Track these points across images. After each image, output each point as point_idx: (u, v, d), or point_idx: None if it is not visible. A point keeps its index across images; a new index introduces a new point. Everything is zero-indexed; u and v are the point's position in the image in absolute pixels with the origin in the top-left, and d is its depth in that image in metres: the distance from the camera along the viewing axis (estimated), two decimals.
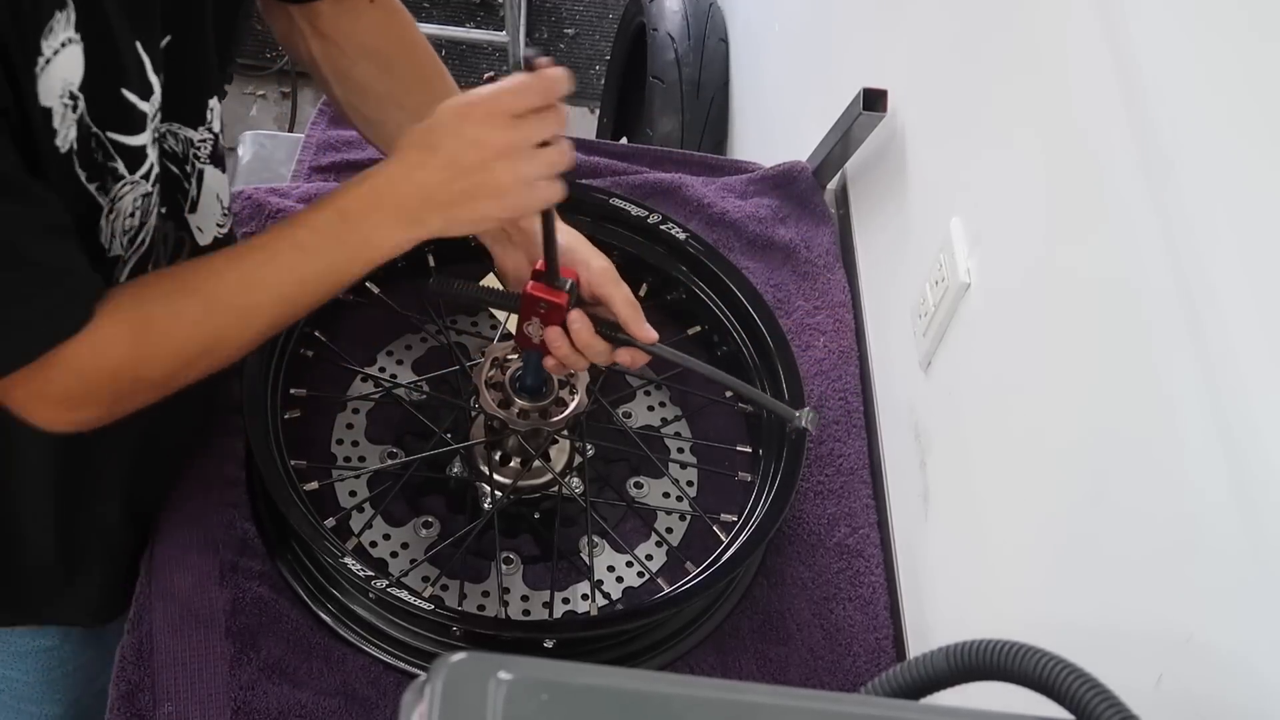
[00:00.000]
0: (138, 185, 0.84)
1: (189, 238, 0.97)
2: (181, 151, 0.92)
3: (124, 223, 0.84)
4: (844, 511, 1.17)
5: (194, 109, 0.91)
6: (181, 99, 0.89)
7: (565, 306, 0.96)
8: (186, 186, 0.94)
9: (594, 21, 3.18)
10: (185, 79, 0.87)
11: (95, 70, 0.76)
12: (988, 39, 1.11)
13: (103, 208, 0.82)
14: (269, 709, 0.96)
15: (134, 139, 0.81)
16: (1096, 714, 0.53)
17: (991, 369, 1.02)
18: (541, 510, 1.13)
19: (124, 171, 0.82)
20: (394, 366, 1.20)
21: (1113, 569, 0.80)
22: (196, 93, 0.91)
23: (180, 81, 0.86)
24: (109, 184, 0.81)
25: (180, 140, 0.91)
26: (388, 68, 1.03)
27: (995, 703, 0.61)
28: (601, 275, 0.98)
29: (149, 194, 0.85)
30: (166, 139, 0.90)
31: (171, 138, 0.90)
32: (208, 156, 0.95)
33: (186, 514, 1.05)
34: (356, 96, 1.05)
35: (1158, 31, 0.80)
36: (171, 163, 0.91)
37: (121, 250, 0.85)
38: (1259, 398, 0.66)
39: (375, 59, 1.03)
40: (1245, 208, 0.69)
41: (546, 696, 0.50)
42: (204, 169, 0.95)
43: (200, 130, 0.92)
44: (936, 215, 1.15)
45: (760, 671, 1.06)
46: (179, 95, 0.87)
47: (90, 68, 0.76)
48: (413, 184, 0.84)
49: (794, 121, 1.74)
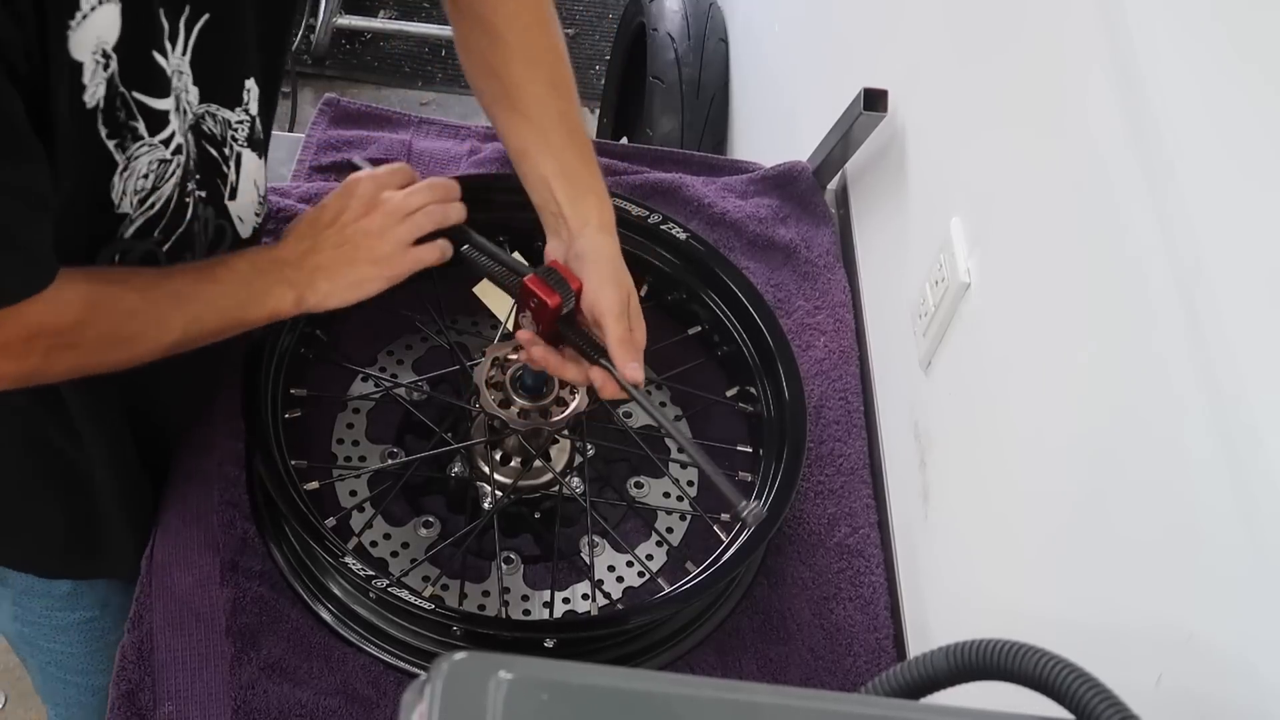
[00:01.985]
0: (155, 149, 0.86)
1: (230, 227, 1.00)
2: (220, 134, 0.94)
3: (136, 182, 0.87)
4: (844, 511, 1.17)
5: (231, 89, 0.93)
6: (219, 78, 0.91)
7: (555, 309, 0.95)
8: (225, 170, 0.96)
9: (594, 21, 3.19)
10: (223, 58, 0.89)
11: (130, 31, 0.78)
12: (988, 39, 1.11)
13: (118, 165, 0.84)
14: (269, 709, 0.96)
15: (159, 102, 0.84)
16: (1096, 714, 0.53)
17: (991, 369, 1.02)
18: (542, 510, 1.13)
19: (144, 132, 0.84)
20: (394, 366, 1.20)
21: (1113, 568, 0.80)
22: (234, 72, 0.92)
23: (217, 61, 0.88)
24: (128, 143, 0.84)
25: (219, 121, 0.93)
26: (498, 41, 1.03)
27: (995, 703, 0.61)
28: (604, 302, 0.96)
29: (166, 160, 0.88)
30: (205, 120, 0.92)
31: (210, 119, 0.92)
32: (245, 139, 0.97)
33: (187, 513, 1.05)
34: (469, 58, 1.06)
35: (1158, 31, 0.80)
36: (210, 145, 0.93)
37: (130, 209, 0.88)
38: (1259, 397, 0.66)
39: (489, 31, 1.03)
40: (1245, 207, 0.69)
41: (546, 696, 0.50)
42: (242, 152, 0.97)
43: (237, 111, 0.94)
44: (936, 215, 1.15)
45: (760, 671, 1.07)
46: (215, 75, 0.90)
47: (125, 28, 0.78)
48: (299, 254, 1.00)
49: (794, 121, 1.74)
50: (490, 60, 1.04)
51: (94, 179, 0.84)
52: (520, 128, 1.04)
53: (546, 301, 0.95)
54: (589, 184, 1.03)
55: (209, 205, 0.97)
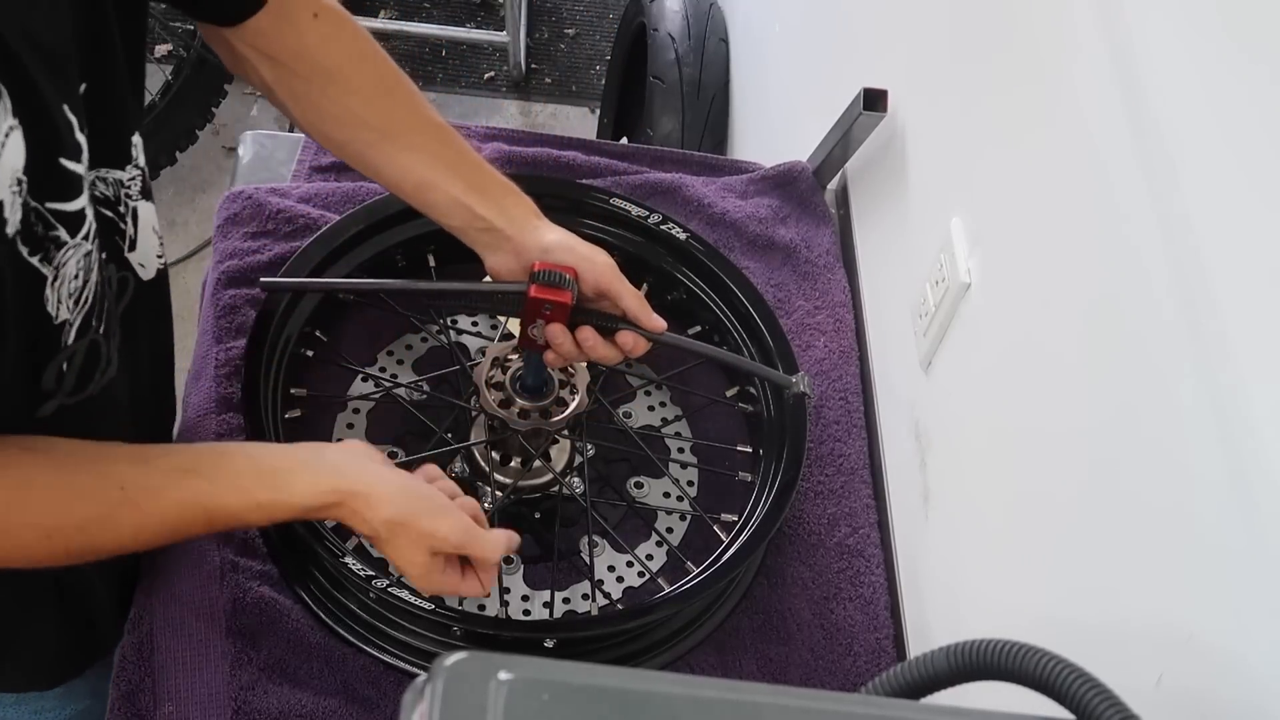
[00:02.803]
0: (80, 246, 0.80)
1: (133, 277, 0.94)
2: (114, 194, 0.89)
3: (69, 286, 0.81)
4: (844, 511, 1.17)
5: (119, 149, 0.88)
6: (106, 142, 0.85)
7: (570, 305, 0.96)
8: (123, 227, 0.91)
9: (594, 21, 3.18)
10: (107, 122, 0.84)
11: (35, 148, 0.73)
12: (988, 39, 1.11)
13: (47, 277, 0.78)
14: (269, 709, 0.96)
15: (73, 205, 0.78)
16: (1097, 714, 0.53)
17: (992, 369, 1.02)
18: (542, 510, 1.13)
19: (66, 238, 0.78)
20: (394, 366, 1.20)
21: (1113, 568, 0.80)
22: (119, 132, 0.87)
23: (102, 125, 0.83)
24: (51, 253, 0.78)
25: (110, 184, 0.88)
26: (343, 84, 0.99)
27: (995, 703, 0.61)
28: (607, 271, 0.98)
29: (89, 252, 0.82)
30: (97, 185, 0.86)
31: (101, 183, 0.87)
32: (139, 193, 0.91)
33: None
34: (315, 117, 1.00)
35: (1158, 30, 0.80)
36: (105, 207, 0.88)
37: (69, 314, 0.82)
38: (1259, 397, 0.66)
39: (327, 76, 0.98)
40: (1246, 207, 0.69)
41: (547, 696, 0.50)
42: (137, 206, 0.92)
43: (129, 169, 0.89)
44: (936, 215, 1.15)
45: (760, 671, 1.07)
46: (103, 139, 0.84)
47: (30, 147, 0.72)
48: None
49: (794, 121, 1.74)
50: (349, 107, 0.99)
51: (27, 301, 0.77)
52: (411, 161, 1.00)
53: (561, 301, 0.96)
54: (500, 185, 1.01)
55: (110, 263, 0.90)
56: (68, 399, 0.85)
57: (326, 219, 1.21)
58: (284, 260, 1.15)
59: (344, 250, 1.17)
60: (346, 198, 1.25)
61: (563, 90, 2.98)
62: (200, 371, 1.13)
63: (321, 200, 1.25)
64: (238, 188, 1.26)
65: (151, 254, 0.96)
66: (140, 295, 0.95)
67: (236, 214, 1.23)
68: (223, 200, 1.25)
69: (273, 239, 1.21)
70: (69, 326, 0.82)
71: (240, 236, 1.21)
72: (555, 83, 2.99)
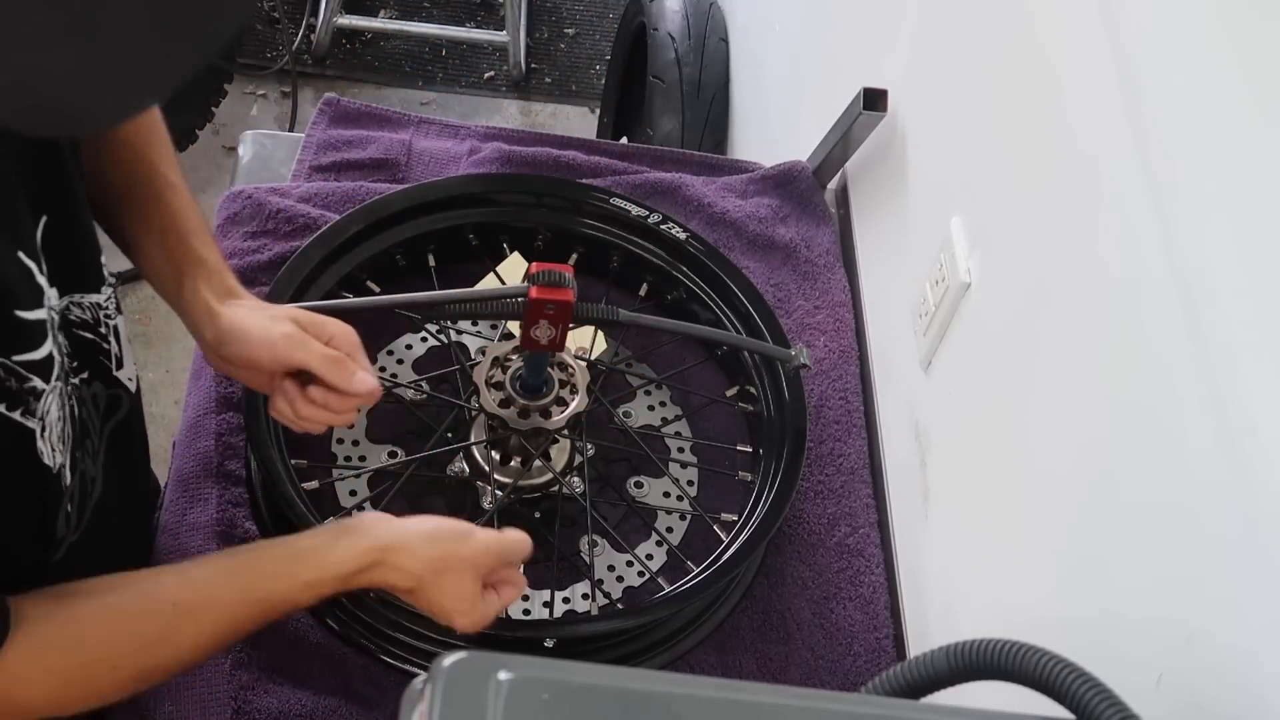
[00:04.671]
0: (54, 388, 0.78)
1: (124, 393, 0.93)
2: (92, 317, 0.87)
3: (56, 430, 0.80)
4: (844, 511, 1.17)
5: (92, 273, 0.86)
6: (76, 270, 0.84)
7: (573, 301, 0.97)
8: (107, 346, 0.89)
9: (594, 21, 3.18)
10: (75, 248, 0.83)
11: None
12: (987, 39, 1.11)
13: (35, 430, 0.76)
14: (269, 709, 0.96)
15: (39, 352, 0.76)
16: (1097, 713, 0.53)
17: (992, 369, 1.02)
18: (542, 510, 1.13)
19: (41, 385, 0.76)
20: (394, 366, 1.20)
21: (1113, 568, 0.80)
22: (88, 256, 0.86)
23: (70, 255, 0.82)
24: (32, 404, 0.76)
25: (87, 308, 0.86)
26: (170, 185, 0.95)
27: (995, 703, 0.61)
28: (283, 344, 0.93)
29: (60, 390, 0.80)
30: (72, 310, 0.84)
31: (77, 308, 0.85)
32: (115, 309, 0.90)
33: (187, 514, 1.05)
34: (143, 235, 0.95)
35: (1158, 30, 0.80)
36: (86, 330, 0.86)
37: (62, 457, 0.81)
38: (1259, 396, 0.66)
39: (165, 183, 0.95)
40: (1245, 206, 0.69)
41: (547, 696, 0.50)
42: (116, 323, 0.90)
43: (104, 290, 0.87)
44: (936, 215, 1.15)
45: (760, 671, 1.07)
46: (72, 266, 0.82)
47: None
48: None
49: (794, 121, 1.74)
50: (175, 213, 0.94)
51: (25, 460, 0.76)
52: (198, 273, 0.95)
53: (564, 300, 0.96)
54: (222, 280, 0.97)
55: (93, 383, 0.88)
56: (74, 535, 0.85)
57: (326, 219, 1.21)
58: (284, 260, 1.15)
59: (344, 250, 1.17)
60: (346, 197, 1.25)
61: (563, 90, 2.97)
62: (200, 371, 1.13)
63: (321, 200, 1.25)
64: (238, 187, 1.26)
65: (133, 368, 0.94)
66: (134, 408, 0.94)
67: (236, 213, 1.23)
68: (223, 200, 1.25)
69: (273, 238, 1.21)
70: (64, 469, 0.81)
71: (240, 236, 1.21)
72: (555, 82, 2.99)
